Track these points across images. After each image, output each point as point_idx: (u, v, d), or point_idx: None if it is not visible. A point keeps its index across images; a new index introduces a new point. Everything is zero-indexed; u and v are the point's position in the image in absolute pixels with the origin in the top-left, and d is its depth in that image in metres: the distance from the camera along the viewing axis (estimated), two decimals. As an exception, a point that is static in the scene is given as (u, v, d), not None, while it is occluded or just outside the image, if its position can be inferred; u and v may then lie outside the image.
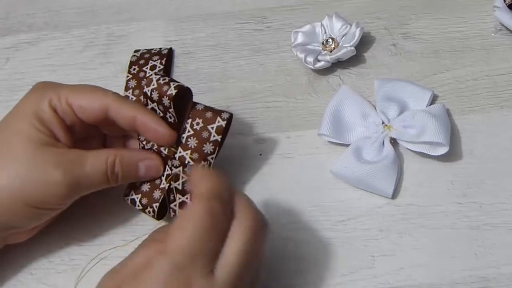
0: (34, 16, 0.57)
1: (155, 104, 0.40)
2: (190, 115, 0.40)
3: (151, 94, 0.40)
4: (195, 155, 0.40)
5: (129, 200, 0.42)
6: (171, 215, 0.41)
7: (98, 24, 0.56)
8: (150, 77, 0.40)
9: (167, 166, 0.41)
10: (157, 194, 0.41)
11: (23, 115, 0.39)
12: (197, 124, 0.40)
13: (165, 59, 0.51)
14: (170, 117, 0.40)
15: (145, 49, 0.52)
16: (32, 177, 0.37)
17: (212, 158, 0.41)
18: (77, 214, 0.44)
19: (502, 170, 0.44)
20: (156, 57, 0.51)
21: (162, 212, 0.42)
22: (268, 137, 0.47)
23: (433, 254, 0.41)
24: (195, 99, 0.50)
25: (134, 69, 0.50)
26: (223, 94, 0.50)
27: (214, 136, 0.40)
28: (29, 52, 0.55)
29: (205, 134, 0.40)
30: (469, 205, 0.42)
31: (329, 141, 0.46)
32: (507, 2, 0.49)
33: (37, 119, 0.38)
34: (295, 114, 0.48)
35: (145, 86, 0.40)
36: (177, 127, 0.40)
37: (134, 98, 0.49)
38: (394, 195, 0.43)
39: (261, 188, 0.45)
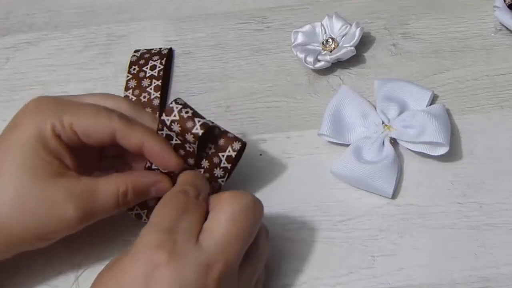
0: (34, 16, 0.57)
1: (173, 133, 0.39)
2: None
3: (170, 124, 0.39)
4: (207, 175, 0.41)
5: (134, 214, 0.42)
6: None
7: (98, 24, 0.56)
8: (171, 105, 0.39)
9: None
10: None
11: (26, 143, 0.36)
12: (209, 149, 0.40)
13: (165, 59, 0.51)
14: (189, 147, 0.40)
15: (145, 49, 0.52)
16: (43, 212, 0.36)
17: (222, 181, 0.41)
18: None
19: (502, 170, 0.44)
20: (156, 57, 0.51)
21: None
22: (268, 137, 0.47)
23: (433, 254, 0.41)
24: (195, 98, 0.50)
25: (134, 69, 0.50)
26: (223, 94, 0.50)
27: (224, 163, 0.40)
28: (29, 52, 0.55)
29: (216, 160, 0.40)
30: (469, 205, 0.42)
31: (329, 141, 0.46)
32: (507, 2, 0.49)
33: (43, 148, 0.36)
34: (295, 114, 0.48)
35: (164, 115, 0.39)
36: (195, 156, 0.40)
37: (134, 98, 0.49)
38: (394, 195, 0.43)
39: (261, 188, 0.45)
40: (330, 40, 0.50)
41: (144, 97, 0.49)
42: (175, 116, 0.38)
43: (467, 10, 0.52)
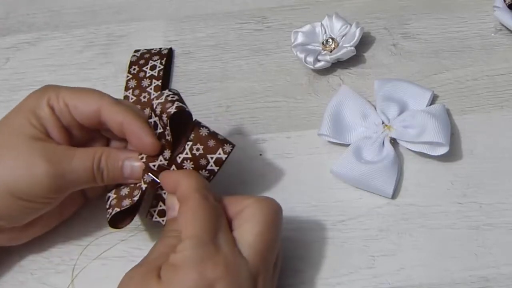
0: (34, 16, 0.57)
1: (157, 118, 0.39)
2: (191, 137, 0.39)
3: (155, 107, 0.39)
4: None
5: (107, 197, 0.41)
6: (147, 217, 0.41)
7: (98, 24, 0.56)
8: (163, 92, 0.39)
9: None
10: (126, 202, 0.40)
11: (21, 111, 0.39)
12: (197, 149, 0.39)
13: (165, 59, 0.51)
14: (168, 135, 0.39)
15: (145, 49, 0.52)
16: (18, 167, 0.37)
17: None
18: (77, 214, 0.44)
19: (502, 170, 0.44)
20: (156, 57, 0.51)
21: (118, 222, 0.40)
22: (268, 137, 0.47)
23: (433, 254, 0.41)
24: (195, 98, 0.50)
25: (134, 69, 0.50)
26: (223, 94, 0.50)
27: (211, 166, 0.39)
28: (29, 52, 0.55)
29: (203, 162, 0.39)
30: (469, 205, 0.42)
31: (329, 141, 0.46)
32: (507, 2, 0.49)
33: (33, 115, 0.39)
34: (295, 114, 0.48)
35: (154, 99, 0.39)
36: (172, 146, 0.40)
37: (134, 98, 0.49)
38: (394, 195, 0.43)
39: (261, 188, 0.45)
40: (330, 40, 0.50)
41: (144, 97, 0.49)
42: (161, 99, 0.39)
43: (467, 10, 0.52)
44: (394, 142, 0.44)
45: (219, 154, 0.39)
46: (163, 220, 0.40)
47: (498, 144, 0.45)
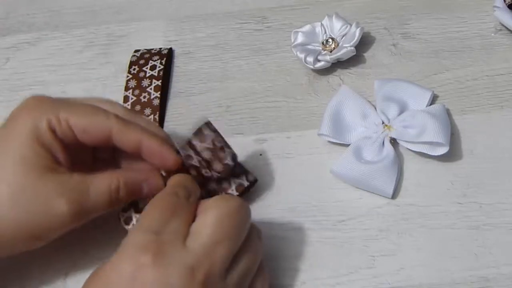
0: (34, 16, 0.57)
1: (197, 157, 0.40)
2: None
3: (201, 151, 0.40)
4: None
5: (124, 217, 0.41)
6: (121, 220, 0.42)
7: (98, 24, 0.56)
8: (206, 133, 0.40)
9: None
10: None
11: (21, 137, 0.36)
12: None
13: (165, 59, 0.51)
14: (206, 172, 0.40)
15: (145, 49, 0.52)
16: (36, 209, 0.36)
17: None
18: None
19: (502, 170, 0.44)
20: (156, 57, 0.51)
21: None
22: (268, 137, 0.47)
23: (433, 254, 0.41)
24: (195, 98, 0.50)
25: (134, 69, 0.50)
26: (223, 94, 0.50)
27: (233, 190, 0.42)
28: (29, 52, 0.55)
29: (225, 185, 0.42)
30: (469, 205, 0.42)
31: (329, 141, 0.46)
32: (507, 2, 0.49)
33: (37, 142, 0.36)
34: (295, 114, 0.48)
35: (197, 140, 0.40)
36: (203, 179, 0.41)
37: (134, 98, 0.49)
38: (394, 195, 0.43)
39: (261, 188, 0.44)
40: (330, 40, 0.50)
41: (144, 97, 0.49)
42: (208, 144, 0.40)
43: (467, 10, 0.52)
44: (394, 142, 0.44)
45: (242, 180, 0.42)
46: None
47: (498, 144, 0.45)
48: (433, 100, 0.47)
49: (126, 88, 0.49)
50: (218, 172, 0.40)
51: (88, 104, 0.39)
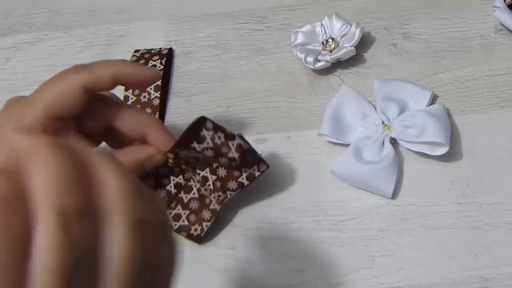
0: (34, 16, 0.57)
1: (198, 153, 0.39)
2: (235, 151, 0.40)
3: (203, 150, 0.39)
4: (218, 184, 0.41)
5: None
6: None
7: (98, 24, 0.56)
8: (202, 134, 0.39)
9: (186, 180, 0.42)
10: (206, 214, 0.42)
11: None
12: (233, 160, 0.40)
13: (165, 59, 0.51)
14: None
15: (145, 49, 0.52)
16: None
17: (230, 194, 0.41)
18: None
19: (502, 170, 0.44)
20: (156, 57, 0.51)
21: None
22: (268, 137, 0.47)
23: (433, 254, 0.41)
24: (195, 98, 0.50)
25: (134, 69, 0.50)
26: (223, 94, 0.50)
27: (243, 179, 0.41)
28: (29, 52, 0.55)
29: (236, 173, 0.41)
30: (469, 205, 0.42)
31: (329, 141, 0.46)
32: (507, 2, 0.49)
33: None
34: (295, 114, 0.48)
35: (195, 143, 0.39)
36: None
37: (134, 98, 0.49)
38: (394, 195, 0.43)
39: (261, 188, 0.45)
40: (330, 40, 0.50)
41: (144, 97, 0.49)
42: (208, 143, 0.39)
43: (467, 10, 0.52)
44: (394, 142, 0.44)
45: (253, 170, 0.41)
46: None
47: (498, 144, 0.45)
48: (433, 100, 0.47)
49: (126, 88, 0.49)
50: (224, 166, 0.40)
51: (54, 78, 0.38)
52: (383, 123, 0.45)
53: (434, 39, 0.51)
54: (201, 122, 0.38)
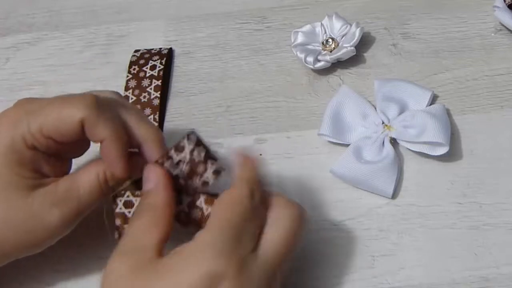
0: (34, 16, 0.57)
1: (178, 170, 0.37)
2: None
3: (177, 163, 0.36)
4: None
5: (123, 202, 0.38)
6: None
7: (98, 24, 0.56)
8: (182, 144, 0.36)
9: None
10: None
11: (1, 164, 0.36)
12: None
13: (165, 59, 0.51)
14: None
15: (145, 49, 0.52)
16: (30, 226, 0.36)
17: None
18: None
19: (502, 170, 0.44)
20: (156, 57, 0.51)
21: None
22: (268, 137, 0.47)
23: (433, 254, 0.41)
24: (195, 98, 0.50)
25: (134, 69, 0.50)
26: (223, 94, 0.50)
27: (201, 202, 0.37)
28: (29, 52, 0.55)
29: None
30: (469, 205, 0.42)
31: (329, 141, 0.46)
32: (507, 2, 0.49)
33: (17, 163, 0.36)
34: (295, 114, 0.48)
35: (173, 150, 0.36)
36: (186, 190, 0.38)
37: (134, 98, 0.49)
38: (394, 195, 0.43)
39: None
40: (330, 40, 0.50)
41: (144, 97, 0.49)
42: (185, 156, 0.36)
43: (467, 10, 0.52)
44: (394, 142, 0.44)
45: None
46: (129, 212, 0.38)
47: (498, 144, 0.45)
48: (433, 100, 0.47)
49: (126, 88, 0.49)
50: (196, 189, 0.36)
51: (57, 98, 0.37)
52: (383, 123, 0.45)
53: (434, 39, 0.51)
54: (187, 134, 0.36)
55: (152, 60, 0.51)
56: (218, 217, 0.33)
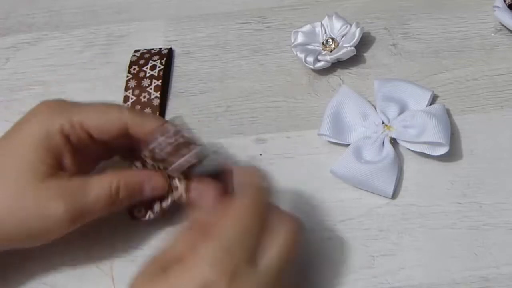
0: (34, 16, 0.57)
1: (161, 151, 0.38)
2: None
3: (160, 144, 0.38)
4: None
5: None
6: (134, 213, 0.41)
7: (98, 24, 0.56)
8: (166, 127, 0.38)
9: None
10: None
11: (29, 143, 0.37)
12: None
13: (165, 59, 0.51)
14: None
15: (145, 49, 0.52)
16: (34, 212, 0.36)
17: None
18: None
19: (502, 170, 0.44)
20: (156, 57, 0.51)
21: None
22: (268, 137, 0.47)
23: (433, 254, 0.41)
24: (195, 98, 0.50)
25: (134, 69, 0.50)
26: (223, 94, 0.50)
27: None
28: (29, 52, 0.55)
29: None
30: (469, 205, 0.42)
31: (329, 141, 0.46)
32: (507, 2, 0.49)
33: (43, 148, 0.37)
34: (295, 114, 0.48)
35: (159, 134, 0.38)
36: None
37: (134, 98, 0.49)
38: (394, 195, 0.43)
39: (261, 188, 0.45)
40: (330, 40, 0.50)
41: (144, 97, 0.49)
42: (170, 137, 0.38)
43: (467, 10, 0.52)
44: (394, 142, 0.44)
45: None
46: (149, 215, 0.40)
47: (498, 144, 0.45)
48: (433, 100, 0.47)
49: (126, 88, 0.49)
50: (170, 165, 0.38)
51: (100, 103, 0.40)
52: (383, 123, 0.45)
53: (434, 39, 0.51)
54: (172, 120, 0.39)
55: (152, 60, 0.51)
56: (218, 229, 0.33)
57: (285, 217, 0.35)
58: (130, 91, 0.49)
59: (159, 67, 0.50)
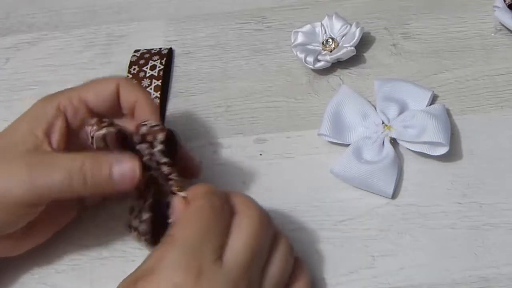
0: (34, 16, 0.57)
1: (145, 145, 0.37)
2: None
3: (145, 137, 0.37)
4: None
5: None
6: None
7: (98, 24, 0.56)
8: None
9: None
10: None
11: (24, 121, 0.39)
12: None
13: (165, 59, 0.51)
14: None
15: (145, 49, 0.52)
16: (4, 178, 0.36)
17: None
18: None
19: (502, 170, 0.44)
20: (156, 57, 0.51)
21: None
22: (268, 137, 0.47)
23: (433, 254, 0.41)
24: (195, 98, 0.50)
25: (134, 69, 0.50)
26: (223, 94, 0.50)
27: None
28: (29, 52, 0.55)
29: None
30: (469, 205, 0.42)
31: (329, 141, 0.46)
32: (507, 2, 0.49)
33: (37, 123, 0.38)
34: (295, 114, 0.48)
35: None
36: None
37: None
38: (394, 195, 0.43)
39: (261, 188, 0.45)
40: (330, 40, 0.50)
41: (144, 97, 0.49)
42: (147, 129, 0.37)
43: (467, 10, 0.52)
44: (394, 142, 0.44)
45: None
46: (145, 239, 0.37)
47: (498, 144, 0.45)
48: (433, 100, 0.47)
49: (126, 88, 0.49)
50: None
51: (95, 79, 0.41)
52: (383, 123, 0.45)
53: (434, 39, 0.51)
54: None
55: (152, 60, 0.51)
56: (179, 235, 0.33)
57: (247, 210, 0.35)
58: (130, 91, 0.49)
59: (159, 67, 0.50)
